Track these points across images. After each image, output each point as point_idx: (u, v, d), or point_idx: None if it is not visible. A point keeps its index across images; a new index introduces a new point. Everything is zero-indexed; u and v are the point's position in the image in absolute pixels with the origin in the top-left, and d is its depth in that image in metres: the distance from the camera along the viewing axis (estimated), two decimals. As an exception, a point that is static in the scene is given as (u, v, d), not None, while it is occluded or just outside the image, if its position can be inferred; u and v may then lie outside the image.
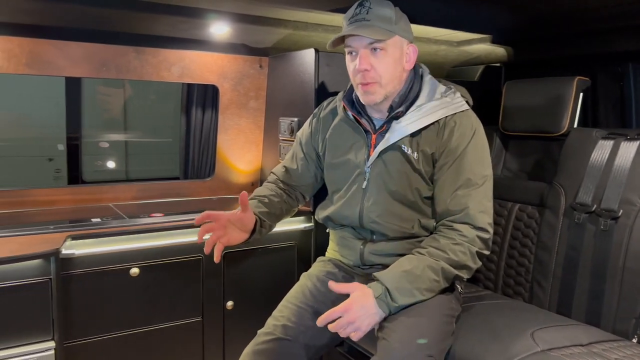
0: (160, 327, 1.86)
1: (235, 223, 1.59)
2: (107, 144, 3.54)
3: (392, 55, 1.55)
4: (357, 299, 1.40)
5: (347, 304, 1.39)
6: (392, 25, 1.54)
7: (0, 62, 1.98)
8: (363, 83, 1.55)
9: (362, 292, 1.41)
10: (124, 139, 3.67)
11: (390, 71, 1.55)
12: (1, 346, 1.51)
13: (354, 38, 1.53)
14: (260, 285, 2.03)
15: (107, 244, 1.76)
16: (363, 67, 1.52)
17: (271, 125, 2.49)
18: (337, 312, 1.38)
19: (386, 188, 1.64)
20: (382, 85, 1.56)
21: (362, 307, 1.40)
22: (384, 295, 1.42)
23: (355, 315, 1.39)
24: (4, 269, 1.50)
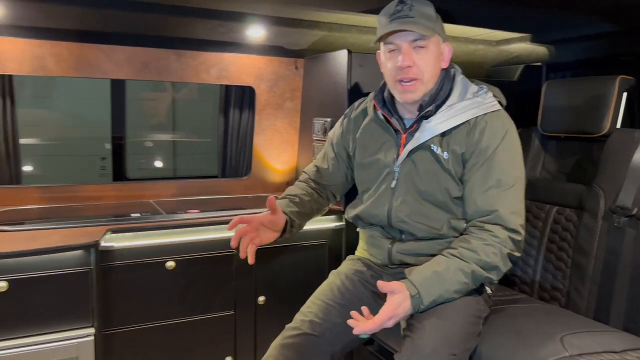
0: (194, 319, 1.93)
1: (267, 224, 1.63)
2: (151, 144, 3.68)
3: (432, 52, 1.55)
4: (399, 304, 1.41)
5: (391, 310, 1.39)
6: (433, 23, 1.54)
7: (51, 66, 2.10)
8: (404, 80, 1.55)
9: (403, 296, 1.42)
10: (168, 139, 3.81)
11: (430, 68, 1.56)
12: (45, 330, 1.60)
13: (397, 35, 1.53)
14: (291, 282, 2.07)
15: (144, 238, 1.84)
16: (406, 63, 1.52)
17: (306, 125, 2.53)
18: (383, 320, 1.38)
19: (415, 188, 1.64)
20: (424, 83, 1.56)
21: (403, 309, 1.42)
22: (416, 295, 1.43)
23: (397, 319, 1.42)
24: (48, 259, 1.61)
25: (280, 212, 1.65)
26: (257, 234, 1.61)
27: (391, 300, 1.41)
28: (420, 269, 1.50)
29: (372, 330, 1.39)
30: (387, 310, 1.39)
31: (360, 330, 1.38)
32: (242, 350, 2.02)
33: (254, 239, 1.60)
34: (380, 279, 1.71)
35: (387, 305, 1.40)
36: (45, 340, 1.59)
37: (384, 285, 1.42)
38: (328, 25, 2.24)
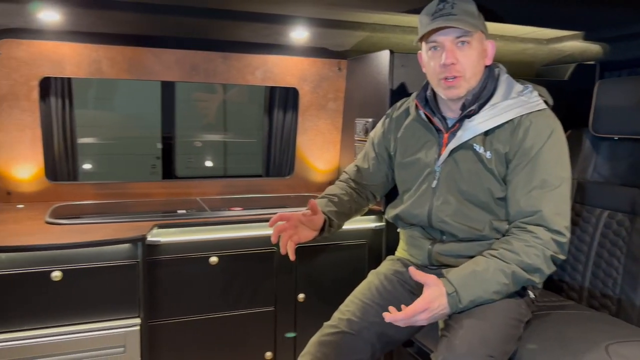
0: (235, 314, 1.98)
1: (305, 223, 1.65)
2: (200, 144, 3.80)
3: (476, 49, 1.54)
4: (435, 299, 1.39)
5: (425, 304, 1.38)
6: (476, 20, 1.53)
7: (105, 68, 2.22)
8: (448, 77, 1.54)
9: (438, 291, 1.40)
10: (218, 139, 3.93)
11: (474, 65, 1.54)
12: (95, 319, 1.69)
13: (440, 33, 1.52)
14: (331, 280, 2.08)
15: (189, 234, 1.90)
16: (450, 60, 1.51)
17: (348, 126, 2.54)
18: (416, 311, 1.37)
19: (457, 188, 1.62)
20: (467, 79, 1.54)
21: (439, 305, 1.40)
22: (454, 294, 1.41)
23: (430, 315, 1.39)
24: (99, 251, 1.70)
25: (320, 213, 1.67)
26: (296, 231, 1.64)
27: (426, 294, 1.39)
28: (459, 268, 1.48)
29: (403, 321, 1.37)
30: (421, 302, 1.38)
31: (391, 318, 1.37)
32: (282, 346, 2.05)
33: (293, 236, 1.62)
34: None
35: (421, 298, 1.38)
36: (95, 328, 1.68)
37: (417, 273, 1.41)
38: (371, 26, 2.25)
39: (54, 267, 1.62)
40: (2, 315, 1.59)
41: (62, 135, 2.33)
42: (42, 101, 2.19)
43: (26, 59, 2.09)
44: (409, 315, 1.37)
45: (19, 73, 2.09)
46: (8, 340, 1.58)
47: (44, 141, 2.20)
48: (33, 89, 2.13)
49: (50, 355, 1.62)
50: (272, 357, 2.05)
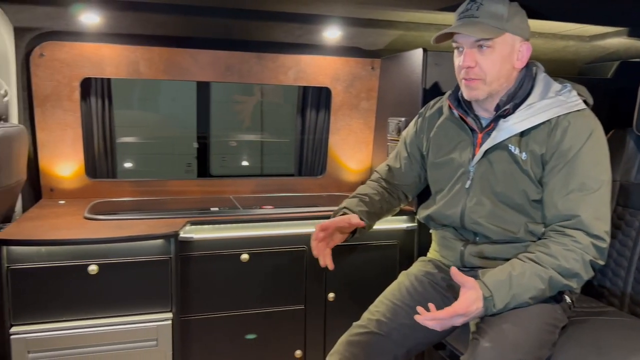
0: (266, 311, 1.99)
1: (340, 230, 1.66)
2: (235, 143, 3.86)
3: (499, 52, 1.50)
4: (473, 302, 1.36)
5: (464, 307, 1.35)
6: (502, 23, 1.49)
7: (143, 69, 2.28)
8: (466, 79, 1.52)
9: (476, 295, 1.37)
10: (251, 138, 3.98)
11: (496, 69, 1.51)
12: (129, 312, 1.74)
13: (461, 35, 1.51)
14: (361, 280, 2.07)
15: (221, 231, 1.93)
16: (467, 64, 1.50)
17: (381, 125, 2.52)
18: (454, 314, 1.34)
19: (491, 189, 1.59)
20: (487, 83, 1.51)
21: (476, 309, 1.37)
22: (488, 298, 1.38)
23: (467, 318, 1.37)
24: (133, 246, 1.74)
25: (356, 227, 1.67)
26: (331, 237, 1.65)
27: (466, 296, 1.36)
28: (495, 271, 1.45)
29: (441, 321, 1.34)
30: (460, 305, 1.35)
31: (425, 321, 1.35)
32: (312, 345, 2.05)
33: (329, 243, 1.64)
34: (451, 282, 1.68)
35: (460, 301, 1.36)
36: (128, 321, 1.72)
37: (458, 274, 1.37)
38: (405, 25, 2.23)
39: (90, 261, 1.68)
40: (42, 306, 1.65)
41: (101, 134, 2.40)
42: (82, 101, 2.27)
43: (68, 60, 2.17)
44: (446, 318, 1.34)
45: (62, 74, 2.17)
46: (46, 330, 1.65)
47: (84, 140, 2.28)
48: (75, 89, 2.21)
49: (86, 346, 1.67)
50: (302, 355, 2.06)
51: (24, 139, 1.85)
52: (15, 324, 1.63)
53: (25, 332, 1.62)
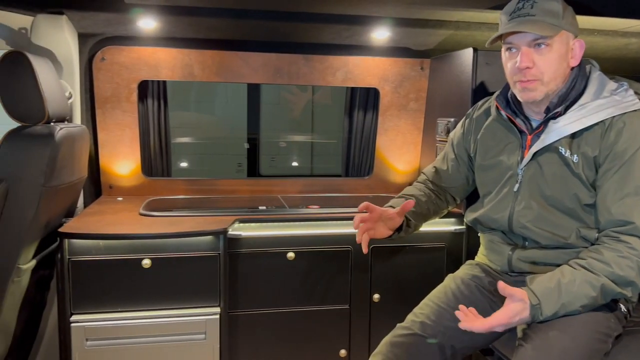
0: (311, 309, 2.02)
1: (386, 220, 1.65)
2: (284, 144, 3.93)
3: (557, 51, 1.45)
4: (517, 314, 1.33)
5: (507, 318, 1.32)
6: (559, 20, 1.44)
7: (197, 72, 2.36)
8: (522, 80, 1.47)
9: (522, 307, 1.34)
10: (300, 139, 4.03)
11: (554, 68, 1.46)
12: (178, 306, 1.81)
13: (516, 35, 1.47)
14: (407, 282, 2.06)
15: (268, 229, 1.97)
16: (524, 64, 1.44)
17: (430, 126, 2.50)
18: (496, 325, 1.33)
19: (540, 192, 1.54)
20: (544, 83, 1.46)
21: (519, 320, 1.34)
22: (536, 305, 1.35)
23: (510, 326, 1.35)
24: (185, 242, 1.81)
25: (403, 214, 1.65)
26: (374, 225, 1.64)
27: (510, 307, 1.33)
28: (543, 278, 1.41)
29: (480, 330, 1.32)
30: (503, 316, 1.32)
31: (467, 326, 1.33)
32: (356, 345, 2.06)
33: (370, 229, 1.63)
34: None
35: (504, 311, 1.33)
36: (179, 314, 1.79)
37: (506, 288, 1.34)
38: (455, 24, 2.19)
39: (144, 255, 1.76)
40: (99, 296, 1.74)
41: (157, 135, 2.51)
42: (140, 102, 2.38)
43: (127, 64, 2.28)
44: (486, 326, 1.32)
45: (121, 77, 2.28)
46: (103, 320, 1.74)
47: (141, 140, 2.38)
48: (133, 91, 2.32)
49: (139, 337, 1.75)
50: (347, 354, 2.07)
51: (85, 138, 1.96)
52: (75, 312, 1.73)
53: (84, 321, 1.72)
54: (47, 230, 1.71)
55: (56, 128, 1.62)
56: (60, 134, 1.62)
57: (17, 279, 1.57)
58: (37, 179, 1.54)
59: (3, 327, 1.57)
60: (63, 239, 1.70)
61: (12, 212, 1.51)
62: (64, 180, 1.72)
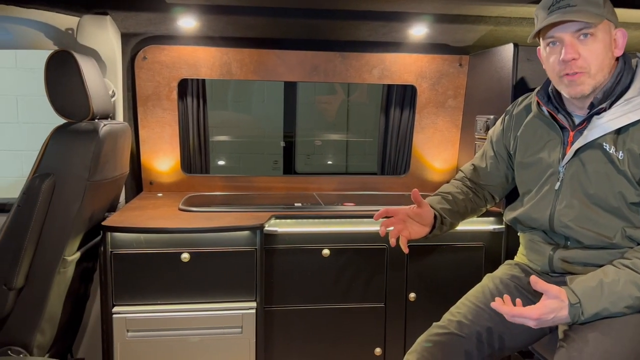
0: (346, 306, 2.02)
1: (414, 217, 1.63)
2: (320, 142, 3.94)
3: (602, 41, 1.40)
4: (551, 311, 1.29)
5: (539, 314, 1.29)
6: (600, 9, 1.40)
7: (235, 70, 2.40)
8: (569, 73, 1.42)
9: (557, 304, 1.30)
10: (334, 138, 4.05)
11: (600, 59, 1.41)
12: (216, 300, 1.84)
13: (558, 27, 1.43)
14: (444, 282, 2.03)
15: (304, 225, 1.98)
16: (570, 56, 1.39)
17: (468, 123, 2.46)
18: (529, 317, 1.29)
19: (582, 190, 1.50)
20: (591, 75, 1.42)
21: (554, 318, 1.30)
22: (576, 305, 1.30)
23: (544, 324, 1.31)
24: (222, 237, 1.84)
25: (426, 205, 1.63)
26: (405, 226, 1.62)
27: (544, 303, 1.29)
28: (584, 277, 1.37)
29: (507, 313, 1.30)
30: (536, 311, 1.28)
31: (496, 306, 1.31)
32: (392, 344, 2.05)
33: (402, 231, 1.61)
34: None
35: (537, 306, 1.29)
36: (216, 308, 1.82)
37: (538, 282, 1.29)
38: (495, 20, 2.15)
39: (183, 249, 1.80)
40: (139, 289, 1.79)
41: (196, 132, 2.56)
42: (180, 101, 2.43)
43: (167, 62, 2.33)
44: (517, 314, 1.29)
45: (162, 75, 2.34)
46: (143, 312, 1.79)
47: (180, 137, 2.44)
48: (173, 89, 2.37)
49: (177, 329, 1.79)
50: (382, 353, 2.06)
51: (127, 135, 2.02)
52: (116, 304, 1.78)
53: (125, 312, 1.77)
54: (91, 224, 1.77)
55: (100, 124, 1.68)
56: (104, 130, 1.67)
57: (63, 270, 1.64)
58: (82, 174, 1.59)
59: (49, 316, 1.63)
60: (106, 232, 1.75)
61: (58, 205, 1.57)
62: (107, 175, 1.78)
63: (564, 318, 1.30)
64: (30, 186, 1.52)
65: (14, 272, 1.50)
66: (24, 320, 1.58)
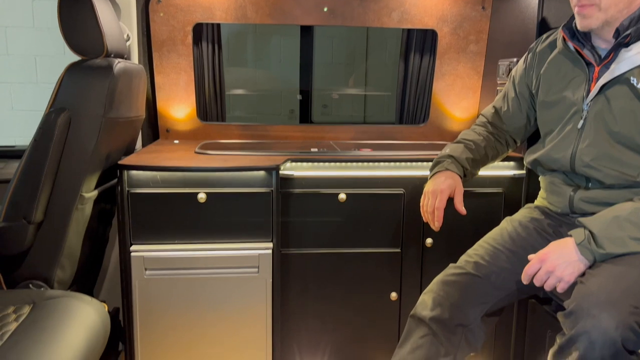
0: (362, 251, 2.01)
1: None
2: (337, 96, 3.91)
3: None
4: (554, 247, 1.32)
5: (542, 254, 1.33)
6: None
7: (250, 14, 2.34)
8: (579, 5, 1.39)
9: (561, 241, 1.32)
10: (352, 92, 4.00)
11: None
12: (232, 240, 1.85)
13: None
14: (461, 228, 2.01)
15: (320, 169, 1.96)
16: None
17: (490, 70, 2.38)
18: (534, 264, 1.34)
19: (606, 128, 1.45)
20: (602, 9, 1.36)
21: (560, 255, 1.30)
22: (587, 241, 1.29)
23: (554, 264, 1.30)
24: (238, 177, 1.83)
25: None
26: None
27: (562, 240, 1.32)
28: (600, 213, 1.35)
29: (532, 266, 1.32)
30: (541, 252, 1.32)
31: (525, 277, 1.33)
32: (407, 289, 2.04)
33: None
34: (559, 229, 1.58)
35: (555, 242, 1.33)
36: (233, 248, 1.83)
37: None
38: (520, -43, 2.06)
39: (200, 190, 1.80)
40: (157, 228, 1.81)
41: (211, 78, 2.53)
42: (195, 47, 2.39)
43: (182, 5, 2.29)
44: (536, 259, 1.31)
45: (176, 19, 2.30)
46: (160, 250, 1.80)
47: (196, 83, 2.41)
48: (187, 34, 2.33)
49: (195, 268, 1.81)
50: (397, 298, 2.06)
51: (142, 78, 2.00)
52: (134, 243, 1.80)
53: (143, 251, 1.79)
54: (108, 163, 1.77)
55: (114, 61, 1.66)
56: (119, 67, 1.66)
57: (81, 207, 1.65)
58: (97, 110, 1.59)
59: (69, 252, 1.66)
60: (122, 170, 1.76)
61: (74, 141, 1.57)
62: (123, 114, 1.77)
63: (575, 255, 1.29)
64: (45, 120, 1.52)
65: (32, 206, 1.51)
66: (43, 255, 1.60)
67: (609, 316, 1.16)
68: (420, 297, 1.63)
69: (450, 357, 1.53)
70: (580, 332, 1.19)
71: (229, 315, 1.84)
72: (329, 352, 2.07)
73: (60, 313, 1.39)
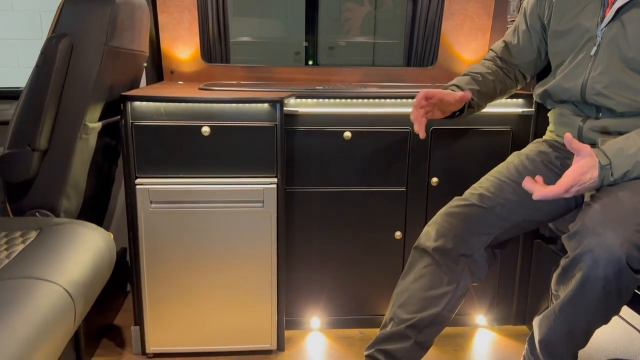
0: (366, 190, 2.01)
1: (444, 105, 1.56)
2: (344, 43, 3.85)
3: None
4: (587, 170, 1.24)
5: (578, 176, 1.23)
6: None
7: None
8: None
9: (592, 162, 1.25)
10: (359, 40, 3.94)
11: None
12: (237, 174, 1.84)
13: None
14: (468, 167, 1.99)
15: (325, 106, 1.94)
16: None
17: (501, 9, 2.32)
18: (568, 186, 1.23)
19: (620, 55, 1.42)
20: None
21: (590, 179, 1.24)
22: (608, 167, 1.25)
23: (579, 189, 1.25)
24: (242, 110, 1.81)
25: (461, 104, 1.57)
26: (432, 109, 1.57)
27: (579, 164, 1.24)
28: (615, 139, 1.32)
29: (556, 195, 1.22)
30: (572, 174, 1.23)
31: (540, 194, 1.23)
32: (412, 228, 2.05)
33: (427, 113, 1.56)
34: (566, 162, 1.56)
35: (572, 169, 1.24)
36: (237, 182, 1.82)
37: (572, 141, 1.25)
38: None
39: (204, 123, 1.78)
40: (161, 161, 1.80)
41: (215, 18, 2.48)
42: (198, -17, 2.34)
43: None
44: (561, 190, 1.22)
45: (179, -46, 2.24)
46: (165, 184, 1.80)
47: (199, 23, 2.37)
48: (191, -31, 2.28)
49: (200, 202, 1.81)
50: (402, 237, 2.07)
51: (145, 12, 1.96)
52: (139, 176, 1.80)
53: (148, 184, 1.79)
54: (111, 96, 1.76)
55: (116, -11, 1.63)
56: (120, -5, 1.63)
57: (85, 137, 1.65)
58: (99, 37, 1.56)
59: (74, 182, 1.66)
60: (126, 102, 1.75)
61: (77, 67, 1.56)
62: (125, 45, 1.74)
63: (595, 180, 1.25)
64: (47, 45, 1.50)
65: (36, 132, 1.51)
66: (49, 184, 1.61)
67: (614, 234, 1.15)
68: (424, 229, 1.63)
69: (453, 285, 1.54)
70: (584, 250, 1.18)
71: (234, 249, 1.85)
72: (333, 287, 2.10)
73: (67, 236, 1.41)
